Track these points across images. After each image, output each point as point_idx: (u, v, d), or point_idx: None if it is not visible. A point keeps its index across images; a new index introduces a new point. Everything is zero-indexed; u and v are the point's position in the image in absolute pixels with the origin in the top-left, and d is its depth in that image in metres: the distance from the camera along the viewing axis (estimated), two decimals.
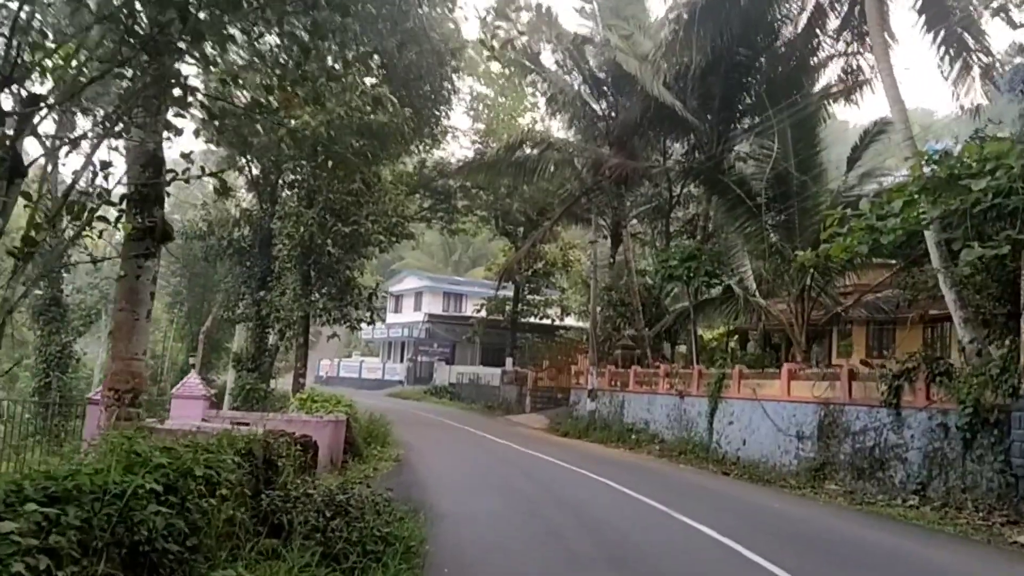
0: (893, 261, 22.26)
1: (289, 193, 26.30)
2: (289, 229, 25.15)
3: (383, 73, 25.85)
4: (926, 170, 13.70)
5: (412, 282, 66.06)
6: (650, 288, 32.37)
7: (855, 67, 25.18)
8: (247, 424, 16.30)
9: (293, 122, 24.41)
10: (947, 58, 19.98)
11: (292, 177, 25.55)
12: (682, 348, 37.78)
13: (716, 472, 19.59)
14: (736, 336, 37.92)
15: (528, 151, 30.09)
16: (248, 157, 27.77)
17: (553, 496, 14.32)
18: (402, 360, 61.64)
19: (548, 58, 32.01)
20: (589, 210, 38.14)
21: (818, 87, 25.65)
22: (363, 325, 29.51)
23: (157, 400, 39.47)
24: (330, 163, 25.26)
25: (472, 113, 44.17)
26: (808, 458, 18.41)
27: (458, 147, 38.61)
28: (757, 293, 24.49)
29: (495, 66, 43.59)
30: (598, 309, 31.42)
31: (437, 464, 17.95)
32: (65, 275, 29.32)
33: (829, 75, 25.94)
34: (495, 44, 31.24)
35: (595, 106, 30.95)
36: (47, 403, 27.49)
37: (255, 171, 28.82)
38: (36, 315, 28.22)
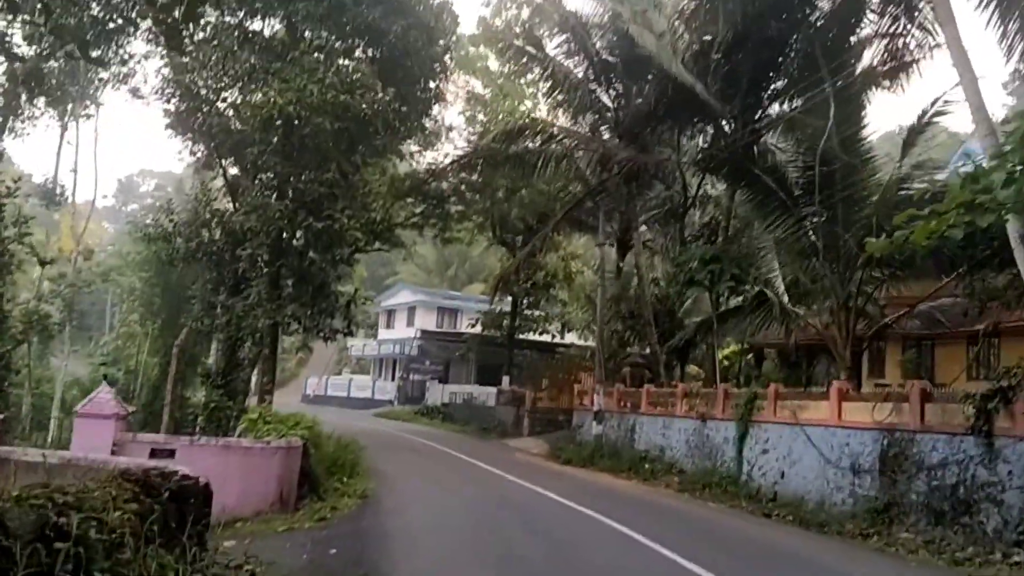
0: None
1: (252, 183, 23.04)
2: (252, 223, 21.93)
3: (358, 43, 22.84)
4: None
5: (405, 296, 62.79)
6: (663, 299, 29.10)
7: (901, 46, 22.02)
8: (170, 452, 13.03)
9: (258, 96, 21.57)
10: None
11: (256, 163, 22.27)
12: (692, 368, 34.55)
13: (752, 512, 16.22)
14: (751, 354, 34.70)
15: (528, 144, 26.88)
16: (205, 146, 24.71)
17: (563, 559, 10.80)
18: (393, 378, 58.21)
19: (552, 46, 28.84)
20: (594, 215, 34.99)
21: (859, 69, 22.44)
22: (340, 337, 26.32)
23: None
24: (297, 145, 22.16)
25: (468, 114, 41.08)
26: (868, 497, 15.03)
27: (452, 148, 36.02)
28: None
29: (493, 64, 40.74)
30: (605, 322, 28.10)
31: (412, 503, 14.57)
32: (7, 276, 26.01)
33: (871, 57, 22.78)
34: (498, 22, 28.15)
35: (603, 96, 27.78)
36: None
37: (233, 170, 25.70)
38: None
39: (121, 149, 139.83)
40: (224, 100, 23.13)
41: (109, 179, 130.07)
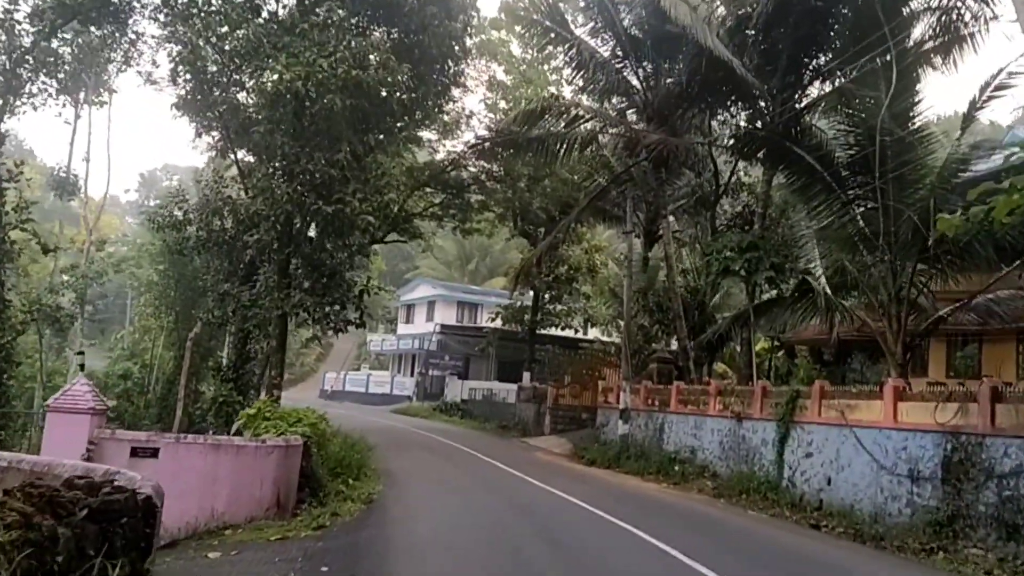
0: None
1: (259, 163, 21.80)
2: (259, 207, 20.68)
3: (371, 16, 21.53)
4: None
5: (425, 290, 61.56)
6: (693, 291, 27.57)
7: (955, 17, 20.34)
8: (153, 451, 11.77)
9: (265, 74, 20.31)
10: None
11: (263, 144, 21.01)
12: (718, 367, 33.02)
13: (798, 522, 14.73)
14: (782, 351, 33.07)
15: (550, 127, 25.41)
16: (215, 128, 23.52)
17: None
18: (412, 374, 57.02)
19: (578, 24, 27.31)
20: (619, 205, 33.51)
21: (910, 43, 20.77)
22: (355, 330, 25.11)
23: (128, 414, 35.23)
24: (306, 125, 20.90)
25: (490, 101, 39.65)
26: (928, 507, 13.49)
27: (473, 137, 34.56)
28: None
29: (516, 49, 39.34)
30: (632, 315, 26.61)
31: (421, 511, 13.16)
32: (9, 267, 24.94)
33: (922, 31, 21.10)
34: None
35: (631, 77, 26.22)
36: None
37: (248, 159, 24.54)
38: None
39: (144, 144, 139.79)
40: (231, 78, 21.90)
41: (132, 174, 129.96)
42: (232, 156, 25.40)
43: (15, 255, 25.08)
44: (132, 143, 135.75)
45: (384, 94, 21.05)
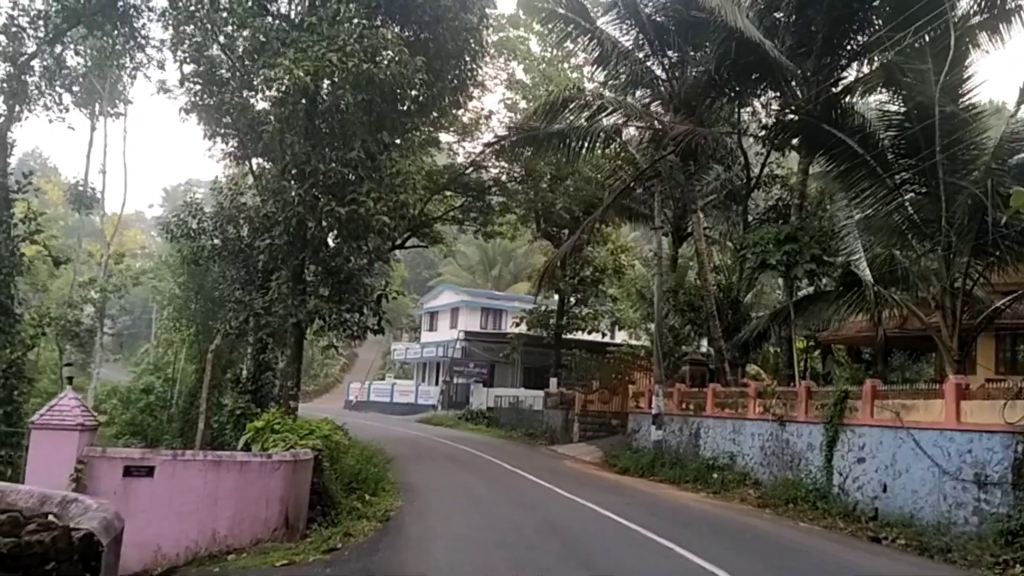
0: None
1: (270, 166, 20.95)
2: (269, 210, 19.80)
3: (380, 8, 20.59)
4: None
5: (448, 297, 60.60)
6: (726, 289, 26.35)
7: None
8: (148, 469, 10.82)
9: (273, 72, 19.43)
10: None
11: (272, 144, 20.16)
12: (751, 368, 31.68)
13: (852, 533, 13.51)
14: (818, 350, 31.67)
15: (571, 121, 24.34)
16: (227, 132, 22.72)
17: None
18: (437, 382, 56.05)
19: (599, 14, 26.19)
20: (645, 203, 32.38)
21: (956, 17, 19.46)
22: (373, 336, 24.11)
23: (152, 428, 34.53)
24: (317, 123, 20.03)
25: (509, 101, 38.64)
26: (998, 515, 12.22)
27: (492, 136, 33.40)
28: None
29: (535, 46, 38.36)
30: (663, 315, 25.41)
31: (442, 530, 12.06)
32: (19, 278, 24.25)
33: (966, 5, 19.79)
34: None
35: (655, 68, 25.10)
36: None
37: (262, 163, 23.77)
38: None
39: (169, 160, 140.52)
40: (240, 78, 21.08)
41: (156, 189, 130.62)
42: (246, 161, 24.61)
43: (24, 268, 24.44)
44: (156, 159, 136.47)
45: (397, 89, 20.14)
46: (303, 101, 20.21)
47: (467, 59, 23.40)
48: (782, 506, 16.09)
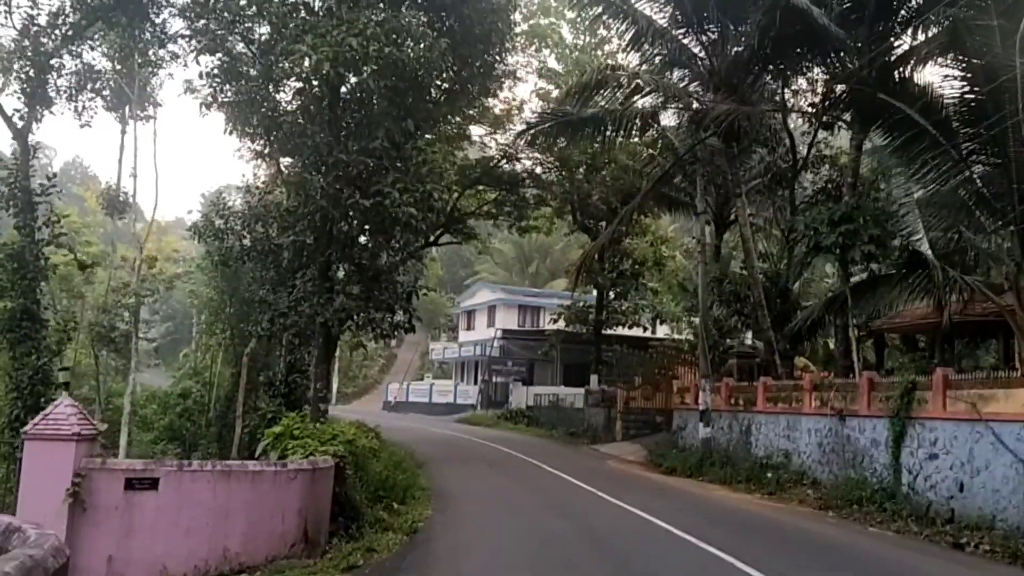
0: None
1: (292, 158, 20.11)
2: (290, 203, 18.95)
3: None
4: None
5: (484, 295, 59.68)
6: (773, 277, 24.98)
7: None
8: (152, 481, 9.94)
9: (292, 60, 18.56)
10: None
11: (293, 135, 19.29)
12: (799, 360, 30.21)
13: (929, 538, 12.21)
14: (871, 339, 30.06)
15: (606, 103, 23.13)
16: (249, 126, 21.89)
17: None
18: (475, 381, 55.15)
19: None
20: (685, 191, 31.11)
21: None
22: (403, 334, 23.32)
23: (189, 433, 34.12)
24: (340, 112, 19.13)
25: (542, 90, 37.50)
26: None
27: (524, 125, 32.16)
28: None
29: (566, 32, 37.18)
30: (708, 306, 24.11)
31: (473, 541, 11.02)
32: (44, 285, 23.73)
33: None
34: None
35: (693, 46, 23.80)
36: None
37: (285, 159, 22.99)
38: (3, 332, 22.65)
39: (208, 167, 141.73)
40: (259, 67, 20.24)
41: (195, 195, 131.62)
42: (273, 160, 23.83)
43: (50, 273, 23.96)
44: (196, 166, 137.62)
45: (422, 73, 19.18)
46: (324, 89, 19.39)
47: (495, 42, 22.36)
48: (845, 508, 14.79)
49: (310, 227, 19.41)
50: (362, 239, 20.74)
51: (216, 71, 20.68)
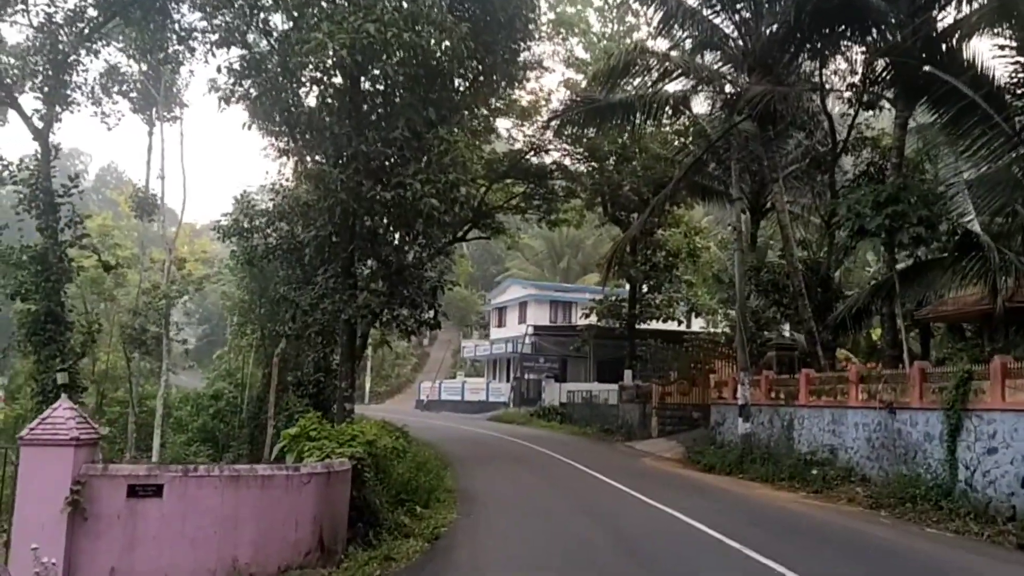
0: None
1: (310, 151, 19.57)
2: (309, 197, 18.42)
3: None
4: None
5: (515, 292, 58.97)
6: (813, 266, 23.98)
7: None
8: (156, 488, 9.38)
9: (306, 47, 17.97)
10: None
11: (310, 126, 18.75)
12: (840, 353, 29.11)
13: (992, 539, 11.29)
14: (916, 329, 28.85)
15: (635, 88, 22.30)
16: (273, 126, 21.38)
17: None
18: (508, 379, 54.50)
19: None
20: (718, 178, 30.14)
21: None
22: (428, 332, 22.73)
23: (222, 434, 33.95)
24: (359, 102, 18.56)
25: (570, 80, 36.68)
26: None
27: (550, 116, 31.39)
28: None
29: (593, 19, 36.34)
30: (745, 296, 23.17)
31: (498, 551, 10.24)
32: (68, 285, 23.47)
33: None
34: None
35: (725, 26, 22.89)
36: None
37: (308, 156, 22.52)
38: (28, 335, 22.40)
39: (240, 169, 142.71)
40: (279, 59, 19.73)
41: (227, 199, 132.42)
42: (295, 155, 23.31)
43: (74, 275, 23.72)
44: (229, 170, 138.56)
45: (443, 59, 18.55)
46: (343, 80, 18.85)
47: (519, 29, 21.64)
48: (899, 507, 13.88)
49: (331, 222, 18.90)
50: (383, 232, 20.11)
51: (235, 65, 20.26)
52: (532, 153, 33.53)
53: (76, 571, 8.83)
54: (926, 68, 15.85)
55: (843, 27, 20.09)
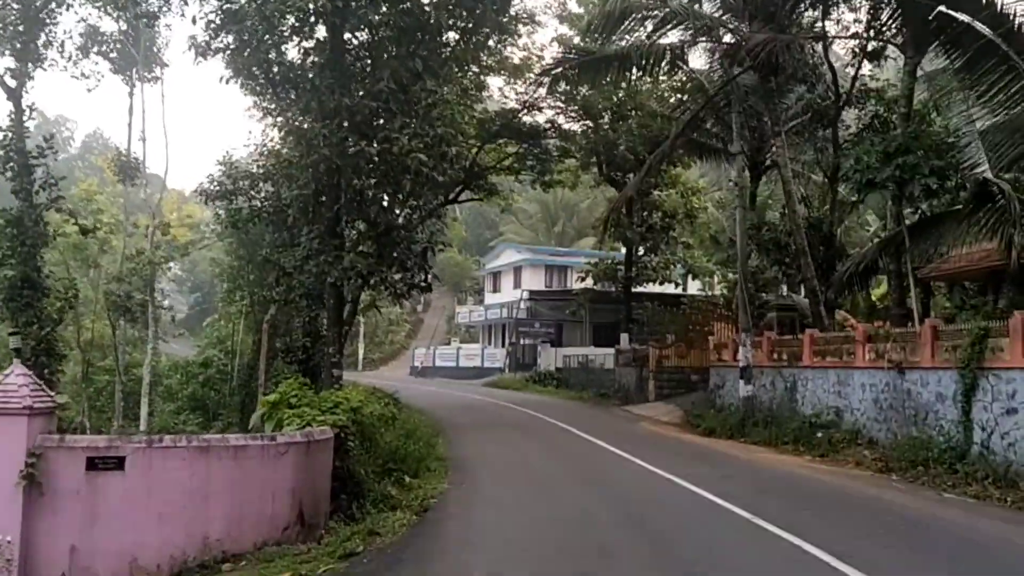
0: None
1: (291, 104, 18.63)
2: (290, 154, 17.54)
3: None
4: None
5: (510, 256, 58.14)
6: (816, 223, 23.21)
7: None
8: (118, 460, 8.64)
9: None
10: None
11: (291, 79, 17.81)
12: (838, 315, 28.41)
13: (1016, 506, 10.64)
14: (918, 288, 28.16)
15: (631, 39, 21.29)
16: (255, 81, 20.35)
17: None
18: (503, 344, 53.90)
19: None
20: (717, 135, 29.24)
21: None
22: (418, 295, 22.01)
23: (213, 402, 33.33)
24: (342, 53, 17.61)
25: (563, 37, 35.59)
26: None
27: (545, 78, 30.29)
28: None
29: None
30: (746, 255, 22.42)
31: (490, 523, 9.54)
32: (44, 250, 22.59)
33: None
34: None
35: None
36: None
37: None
38: (4, 301, 21.58)
39: (227, 137, 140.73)
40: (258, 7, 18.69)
41: (213, 164, 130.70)
42: (279, 114, 22.32)
43: (51, 240, 22.87)
44: (216, 137, 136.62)
45: (429, 8, 17.60)
46: (324, 28, 17.87)
47: None
48: (910, 470, 13.25)
49: (314, 180, 18.02)
50: (371, 191, 19.23)
51: (212, 17, 19.25)
52: (525, 112, 32.53)
53: (33, 550, 8.13)
54: (940, 8, 14.89)
55: None
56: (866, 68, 23.52)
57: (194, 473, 8.65)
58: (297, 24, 17.55)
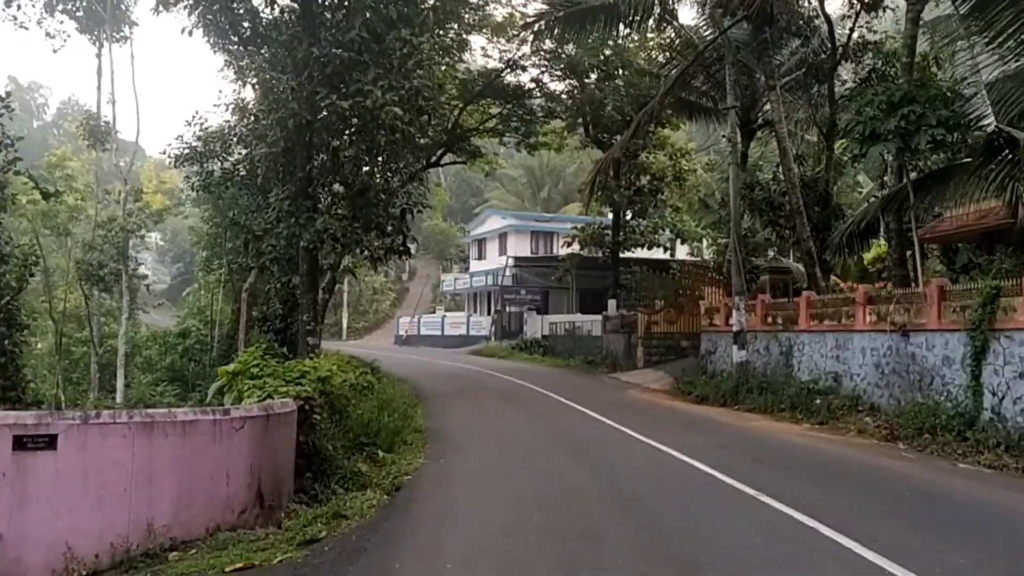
0: None
1: (255, 54, 17.50)
2: (257, 108, 16.46)
3: None
4: None
5: (495, 222, 57.12)
6: (810, 183, 22.35)
7: None
8: (49, 439, 7.71)
9: None
10: None
11: (256, 28, 16.67)
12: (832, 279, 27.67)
13: None
14: (909, 251, 27.46)
15: None
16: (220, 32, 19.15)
17: None
18: (489, 312, 53.07)
19: None
20: (706, 94, 28.27)
21: None
22: (399, 260, 21.03)
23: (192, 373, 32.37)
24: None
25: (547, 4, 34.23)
26: None
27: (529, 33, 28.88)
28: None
29: None
30: (740, 214, 21.54)
31: (468, 504, 8.60)
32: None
33: None
34: None
35: None
36: None
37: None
38: None
39: (202, 103, 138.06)
40: None
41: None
42: (249, 70, 21.13)
43: (6, 203, 21.70)
44: (192, 102, 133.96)
45: None
46: None
47: None
48: (916, 438, 12.50)
49: (283, 137, 16.92)
50: (345, 149, 18.16)
51: None
52: (508, 71, 31.39)
53: None
54: None
55: None
56: (863, 19, 22.48)
57: (137, 452, 7.73)
58: None
